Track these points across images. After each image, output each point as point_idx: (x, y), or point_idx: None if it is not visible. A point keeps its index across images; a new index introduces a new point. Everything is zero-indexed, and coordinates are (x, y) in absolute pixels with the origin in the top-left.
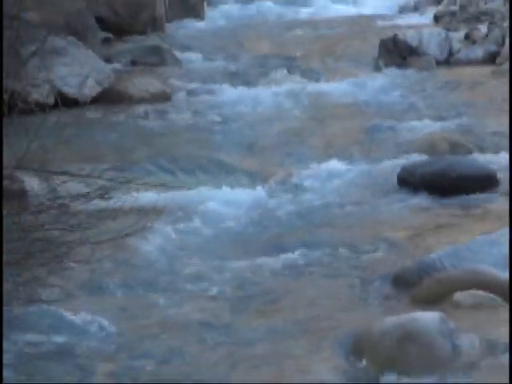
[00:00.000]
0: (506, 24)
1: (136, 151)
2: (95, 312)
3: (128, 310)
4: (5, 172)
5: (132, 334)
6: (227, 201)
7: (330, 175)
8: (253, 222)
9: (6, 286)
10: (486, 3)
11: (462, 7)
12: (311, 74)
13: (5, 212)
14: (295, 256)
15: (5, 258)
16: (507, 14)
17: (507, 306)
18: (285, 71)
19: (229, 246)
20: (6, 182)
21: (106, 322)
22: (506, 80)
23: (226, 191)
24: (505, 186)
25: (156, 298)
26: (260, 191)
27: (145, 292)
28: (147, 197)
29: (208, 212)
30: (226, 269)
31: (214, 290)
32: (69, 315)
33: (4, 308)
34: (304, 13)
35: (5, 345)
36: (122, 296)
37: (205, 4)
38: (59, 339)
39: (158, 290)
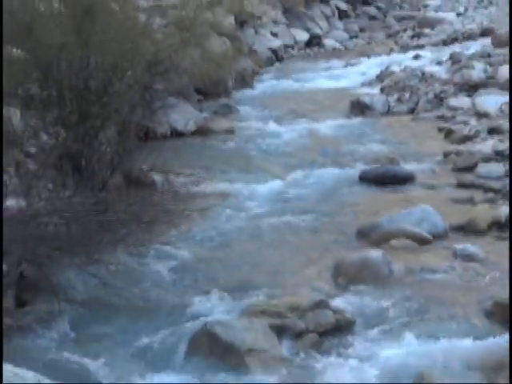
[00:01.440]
0: (420, 92)
1: (214, 161)
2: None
3: (204, 243)
4: (143, 172)
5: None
6: (260, 189)
7: (318, 175)
8: (274, 199)
9: (144, 236)
10: (408, 81)
11: (395, 83)
12: (311, 118)
13: (142, 194)
14: (296, 219)
15: (142, 218)
16: (422, 88)
17: (420, 248)
18: (297, 117)
19: (261, 211)
20: (144, 178)
21: (185, 252)
22: (420, 123)
23: (260, 184)
24: (418, 180)
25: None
26: (280, 184)
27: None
28: (219, 187)
29: (251, 195)
30: (258, 223)
31: (253, 231)
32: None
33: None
34: (309, 86)
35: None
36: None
37: (254, 80)
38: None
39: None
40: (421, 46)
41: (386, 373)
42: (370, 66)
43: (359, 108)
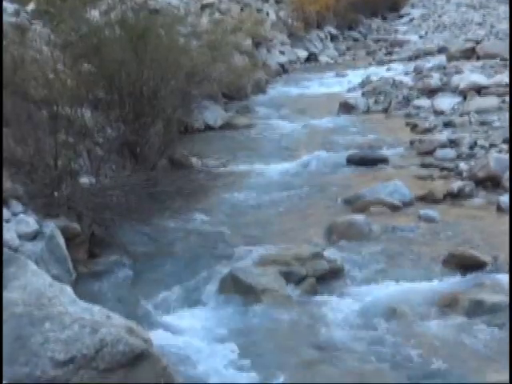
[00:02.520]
0: (392, 95)
1: (238, 148)
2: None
3: (230, 210)
4: (183, 156)
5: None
6: (272, 169)
7: (316, 158)
8: (282, 177)
9: (184, 204)
10: (383, 87)
11: (373, 89)
12: (310, 116)
13: (183, 173)
14: (298, 192)
15: (182, 191)
16: (393, 92)
17: (392, 212)
18: (300, 115)
19: (273, 186)
20: (184, 161)
21: (215, 217)
22: (392, 119)
23: (271, 165)
24: (391, 162)
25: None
26: (286, 165)
27: (240, 205)
28: (241, 167)
29: (265, 173)
30: (270, 195)
31: (267, 201)
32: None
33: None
34: (308, 91)
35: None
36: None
37: (267, 87)
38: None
39: (244, 202)
40: (392, 61)
41: (366, 308)
42: (355, 76)
43: (346, 108)
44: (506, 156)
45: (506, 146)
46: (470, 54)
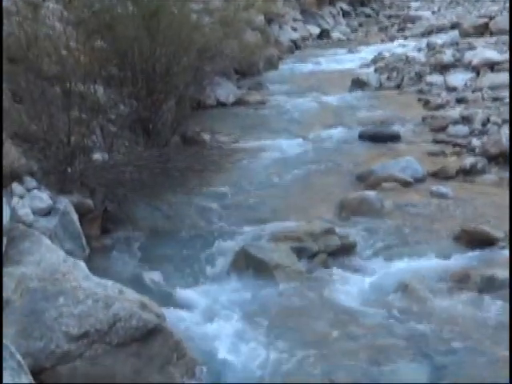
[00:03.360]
0: (404, 72)
1: (250, 124)
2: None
3: (242, 186)
4: (195, 133)
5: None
6: (284, 145)
7: (328, 134)
8: (295, 153)
9: (196, 180)
10: (395, 64)
11: (386, 65)
12: (323, 90)
13: (195, 149)
14: (310, 167)
15: (195, 167)
16: (406, 68)
17: (404, 188)
18: (312, 92)
19: (285, 162)
20: (196, 137)
21: (227, 193)
22: (404, 95)
23: (284, 141)
24: (403, 138)
25: (255, 180)
26: (299, 141)
27: (252, 181)
28: (253, 144)
29: (278, 149)
30: (282, 171)
31: (278, 177)
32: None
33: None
34: (320, 68)
35: None
36: (238, 182)
37: (279, 63)
38: None
39: (256, 178)
40: (405, 37)
41: (378, 283)
42: (367, 52)
43: (358, 84)
44: None
45: None
46: (483, 29)
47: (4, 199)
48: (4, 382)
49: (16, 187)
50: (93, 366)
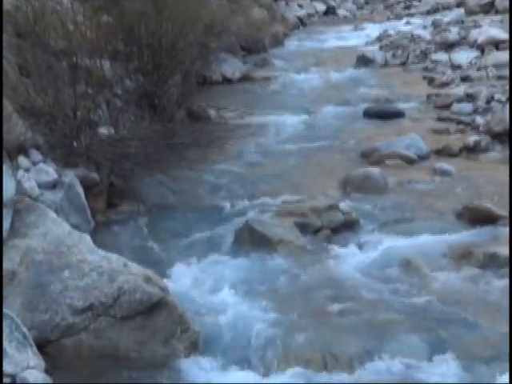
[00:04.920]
0: (409, 49)
1: (255, 100)
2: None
3: (247, 161)
4: (201, 108)
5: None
6: (289, 121)
7: (332, 111)
8: (300, 129)
9: (201, 156)
10: (401, 41)
11: (391, 43)
12: (328, 67)
13: (200, 125)
14: (315, 144)
15: (200, 142)
16: (411, 46)
17: (408, 166)
18: (318, 68)
19: (290, 138)
20: (201, 112)
21: (232, 168)
22: (409, 72)
23: (289, 117)
24: (407, 115)
25: (260, 155)
26: (304, 117)
27: (257, 156)
28: (258, 119)
29: (283, 125)
30: (287, 147)
31: (283, 152)
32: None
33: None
34: (326, 45)
35: None
36: (243, 157)
37: (285, 40)
38: None
39: (261, 154)
40: (410, 15)
41: (381, 259)
42: (372, 30)
43: (363, 61)
44: None
45: None
46: (488, 8)
47: (10, 172)
48: (9, 353)
49: (22, 160)
50: (97, 339)
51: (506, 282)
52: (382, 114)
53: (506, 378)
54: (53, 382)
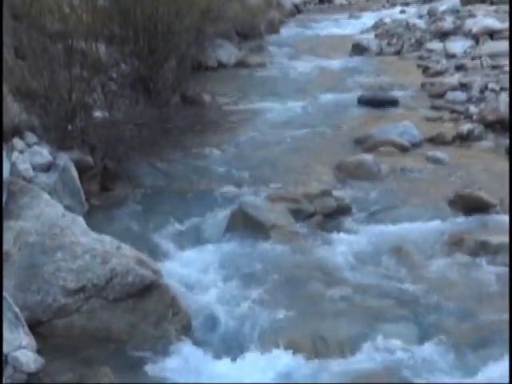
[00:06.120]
0: (405, 38)
1: (250, 86)
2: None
3: (241, 146)
4: (196, 93)
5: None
6: (284, 108)
7: (327, 98)
8: (294, 116)
9: (196, 140)
10: (396, 30)
11: (386, 31)
12: (323, 54)
13: (195, 110)
14: (308, 130)
15: (194, 127)
16: (406, 34)
17: (401, 153)
18: (313, 55)
19: (284, 124)
20: (196, 97)
21: (227, 153)
22: (404, 61)
23: (283, 104)
24: (401, 103)
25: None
26: (298, 104)
27: (250, 141)
28: (253, 105)
29: (277, 112)
30: (281, 133)
31: (277, 139)
32: None
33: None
34: (321, 32)
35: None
36: (237, 142)
37: (280, 27)
38: None
39: (255, 139)
40: (406, 4)
41: (373, 245)
42: (368, 18)
43: (359, 49)
44: None
45: None
46: None
47: (4, 154)
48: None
49: (17, 142)
50: (89, 320)
51: (497, 269)
52: (376, 102)
53: (495, 363)
54: (44, 362)
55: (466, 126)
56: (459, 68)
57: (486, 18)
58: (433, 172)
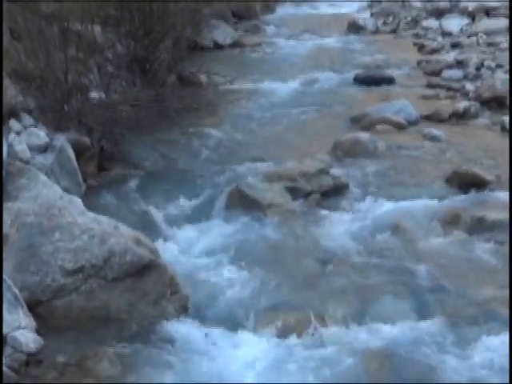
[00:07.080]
0: (401, 16)
1: (246, 66)
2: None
3: (237, 126)
4: (192, 74)
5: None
6: (280, 87)
7: (323, 77)
8: (290, 95)
9: (192, 120)
10: (392, 8)
11: (382, 10)
12: (319, 33)
13: (191, 90)
14: (305, 109)
15: (191, 107)
16: (402, 13)
17: (398, 131)
18: (309, 35)
19: (280, 104)
20: (192, 78)
21: (223, 133)
22: (400, 39)
23: (279, 83)
24: (398, 81)
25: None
26: (294, 83)
27: (247, 121)
28: (249, 85)
29: (273, 91)
30: (277, 112)
31: (273, 118)
32: None
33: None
34: (317, 12)
35: None
36: (234, 122)
37: (276, 7)
38: None
39: (251, 119)
40: None
41: (370, 223)
42: None
43: (355, 28)
44: None
45: None
46: None
47: (1, 135)
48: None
49: (13, 124)
50: (88, 300)
51: (493, 245)
52: (373, 80)
53: (491, 338)
54: (43, 342)
55: (462, 104)
56: (455, 46)
57: None
58: (429, 150)
